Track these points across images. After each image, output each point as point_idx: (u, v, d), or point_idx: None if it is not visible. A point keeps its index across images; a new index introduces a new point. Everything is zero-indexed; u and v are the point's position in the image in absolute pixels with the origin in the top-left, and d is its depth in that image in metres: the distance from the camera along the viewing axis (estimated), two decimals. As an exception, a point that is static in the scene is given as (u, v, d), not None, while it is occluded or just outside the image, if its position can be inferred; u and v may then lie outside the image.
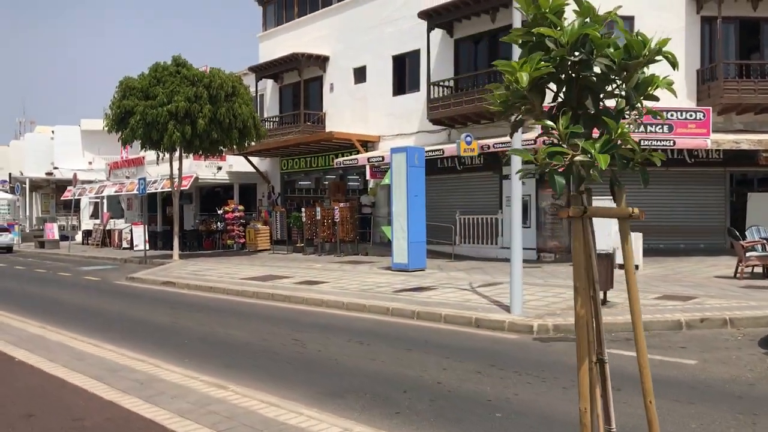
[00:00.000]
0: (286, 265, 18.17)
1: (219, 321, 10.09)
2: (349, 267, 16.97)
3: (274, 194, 27.67)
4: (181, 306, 11.91)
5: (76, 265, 22.76)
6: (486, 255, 18.74)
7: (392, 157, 15.22)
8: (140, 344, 8.21)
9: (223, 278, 15.42)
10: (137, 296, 13.63)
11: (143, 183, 23.14)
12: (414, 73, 21.60)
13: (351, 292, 12.03)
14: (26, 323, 9.46)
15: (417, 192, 15.02)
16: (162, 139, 20.43)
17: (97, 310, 11.67)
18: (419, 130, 21.20)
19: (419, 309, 9.80)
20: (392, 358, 7.20)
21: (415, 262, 14.93)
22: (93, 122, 44.26)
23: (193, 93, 20.29)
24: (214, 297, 13.20)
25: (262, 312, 11.02)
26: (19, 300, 13.32)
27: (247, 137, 21.86)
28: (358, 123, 23.25)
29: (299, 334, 8.76)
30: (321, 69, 24.96)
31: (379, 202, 22.63)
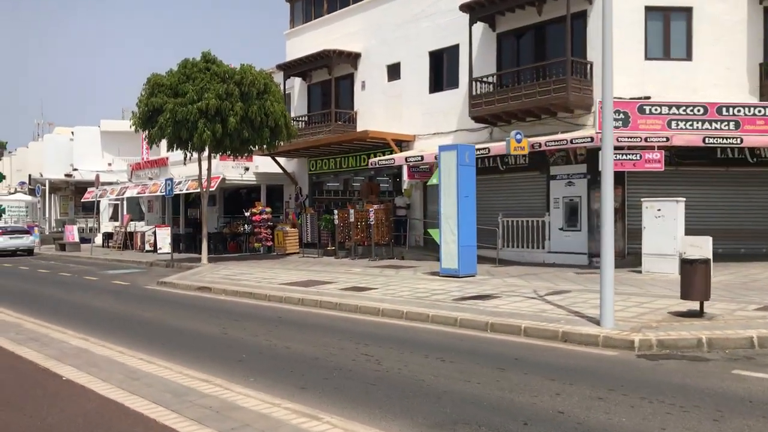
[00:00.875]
0: (323, 270, 17.31)
1: (272, 331, 9.23)
2: (390, 272, 16.08)
3: (301, 196, 26.86)
4: (224, 314, 11.07)
5: (100, 268, 22.05)
6: (532, 260, 17.79)
7: (441, 156, 14.33)
8: (195, 359, 7.37)
9: (260, 283, 14.59)
10: (174, 303, 12.81)
11: (170, 184, 22.39)
12: (452, 69, 20.70)
13: (406, 300, 11.14)
14: (65, 333, 8.66)
15: (467, 192, 14.12)
16: (191, 138, 19.65)
17: (136, 319, 10.85)
18: (458, 128, 20.29)
19: (493, 320, 8.89)
20: (488, 379, 6.29)
21: (465, 267, 14.02)
22: (113, 123, 43.87)
23: (224, 90, 19.48)
24: (256, 304, 12.36)
25: (314, 321, 10.15)
26: (50, 307, 12.56)
27: (279, 137, 21.04)
28: (391, 122, 22.38)
29: (367, 348, 7.88)
30: (352, 66, 24.13)
31: (414, 204, 21.74)
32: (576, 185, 17.32)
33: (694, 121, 15.42)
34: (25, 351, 7.42)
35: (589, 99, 16.81)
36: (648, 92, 16.47)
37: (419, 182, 21.45)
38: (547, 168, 18.01)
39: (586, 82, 16.80)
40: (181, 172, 28.20)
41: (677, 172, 16.46)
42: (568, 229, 17.48)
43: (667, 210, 13.92)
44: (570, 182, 17.45)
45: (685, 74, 16.64)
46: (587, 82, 16.84)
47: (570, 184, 17.45)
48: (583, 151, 17.07)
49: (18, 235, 30.36)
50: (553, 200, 17.85)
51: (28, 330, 8.97)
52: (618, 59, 16.89)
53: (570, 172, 17.47)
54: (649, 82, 16.52)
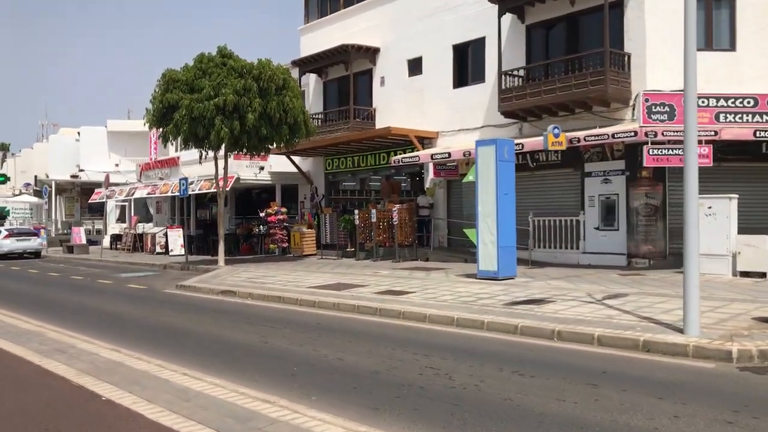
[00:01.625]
0: (348, 272, 16.56)
1: (316, 340, 8.48)
2: (420, 274, 15.33)
3: (317, 196, 26.11)
4: (257, 320, 10.32)
5: (113, 271, 21.32)
6: (566, 261, 17.03)
7: (478, 151, 13.57)
8: (242, 373, 6.63)
9: (287, 286, 13.84)
10: (200, 308, 12.06)
11: (185, 183, 21.64)
12: (478, 63, 19.95)
13: (451, 305, 10.39)
14: (93, 344, 7.91)
15: (507, 190, 13.36)
16: (208, 136, 18.91)
17: (164, 326, 10.11)
18: (484, 124, 19.53)
19: (559, 328, 8.13)
20: (584, 398, 5.54)
21: (505, 269, 13.26)
22: (119, 123, 43.20)
23: (242, 85, 18.74)
24: (288, 308, 11.60)
25: (357, 328, 9.40)
26: (69, 313, 11.83)
27: (298, 134, 20.30)
28: (412, 118, 21.61)
29: (428, 360, 7.13)
30: (371, 62, 23.39)
31: (437, 203, 20.98)
32: (613, 182, 16.55)
33: (744, 113, 14.67)
34: (54, 365, 6.68)
35: (627, 92, 16.05)
36: (689, 85, 15.68)
37: (443, 180, 20.71)
38: (581, 164, 17.25)
39: (624, 75, 16.04)
40: (193, 171, 27.46)
41: (720, 168, 15.67)
42: (605, 229, 16.71)
43: (718, 207, 13.17)
44: (606, 179, 16.69)
45: (729, 66, 15.87)
46: (625, 74, 16.08)
47: (606, 182, 16.69)
48: (620, 147, 16.32)
49: (26, 237, 29.67)
50: (588, 198, 17.08)
51: (51, 340, 8.24)
52: (657, 50, 16.24)
53: (606, 169, 16.71)
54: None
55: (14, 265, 25.62)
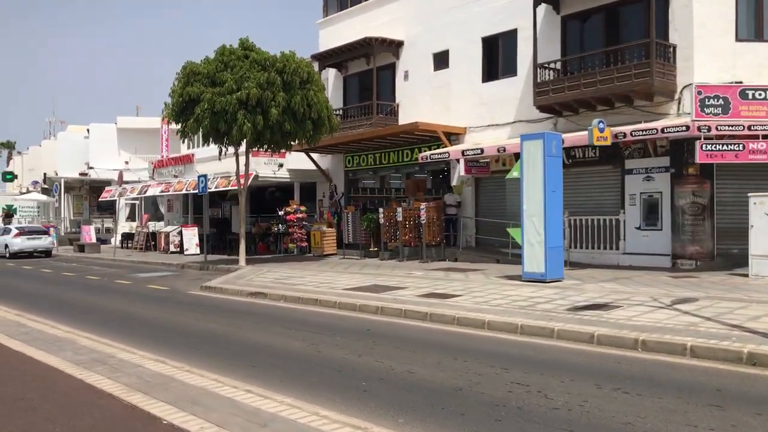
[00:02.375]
0: (378, 273, 15.85)
1: (373, 349, 7.76)
2: (457, 275, 14.61)
3: (336, 194, 25.40)
4: (300, 325, 9.60)
5: (129, 271, 20.63)
6: (604, 262, 16.30)
7: (523, 146, 12.83)
8: (309, 389, 5.93)
9: (320, 288, 13.13)
10: (233, 311, 11.35)
11: (204, 180, 20.94)
12: (509, 55, 19.21)
13: (508, 310, 9.67)
14: (134, 353, 7.20)
15: (554, 187, 12.63)
16: (230, 131, 18.20)
17: (202, 333, 9.40)
18: (516, 119, 18.81)
19: (644, 337, 7.40)
20: (719, 424, 4.82)
21: (552, 271, 12.53)
22: (129, 120, 42.51)
23: (265, 79, 18.05)
24: (328, 312, 10.89)
25: (412, 335, 8.69)
26: (96, 317, 11.13)
27: (321, 130, 19.58)
28: (438, 114, 20.89)
29: (510, 374, 6.42)
30: (394, 55, 22.66)
31: (465, 202, 20.25)
32: (656, 180, 15.81)
33: (802, 106, 13.92)
34: (97, 379, 5.97)
35: (672, 85, 15.31)
36: (739, 77, 14.94)
37: (471, 178, 19.97)
38: (621, 161, 16.52)
39: (669, 67, 15.29)
40: (208, 168, 26.76)
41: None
42: (647, 229, 15.98)
43: (781, 206, 12.43)
44: (649, 177, 15.95)
45: (781, 57, 15.12)
46: (670, 66, 15.33)
47: (649, 179, 15.95)
48: (664, 143, 15.57)
49: (36, 235, 29.01)
50: (628, 196, 16.34)
51: (86, 348, 7.53)
52: (704, 41, 15.47)
53: (649, 166, 15.97)
54: (740, 66, 15.00)
55: (26, 264, 24.95)
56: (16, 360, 6.92)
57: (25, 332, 8.70)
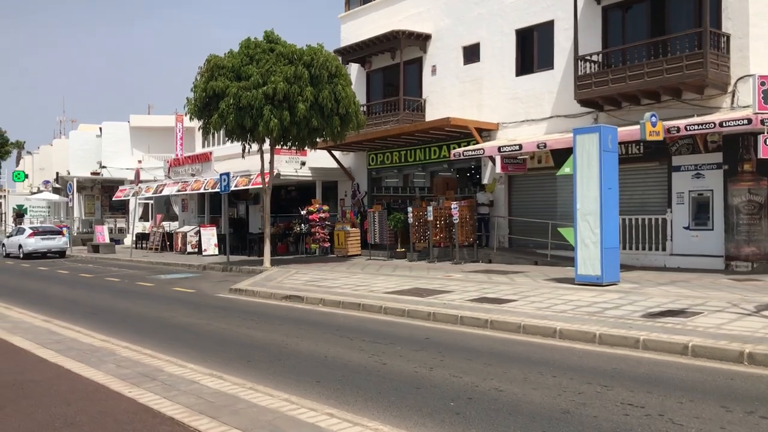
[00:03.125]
0: (414, 275, 15.11)
1: (443, 360, 7.02)
2: (500, 278, 13.86)
3: (359, 193, 24.68)
4: (352, 333, 8.86)
5: (149, 272, 19.95)
6: (650, 263, 15.52)
7: (577, 140, 12.06)
8: (388, 409, 5.23)
9: (358, 291, 12.39)
10: (270, 317, 10.62)
11: (227, 179, 20.23)
12: (545, 48, 18.44)
13: (577, 317, 8.91)
14: (183, 366, 6.48)
15: (611, 184, 11.84)
16: (256, 127, 17.49)
17: (245, 341, 8.68)
18: (553, 114, 18.03)
19: (750, 349, 6.63)
20: None
21: (609, 273, 11.74)
22: (143, 118, 41.91)
23: (292, 73, 17.34)
24: (374, 318, 10.15)
25: (478, 345, 7.93)
26: (124, 322, 10.44)
27: (349, 126, 18.85)
28: (468, 109, 20.14)
29: (614, 392, 5.66)
30: (421, 49, 21.90)
31: (497, 201, 19.47)
32: (706, 177, 15.01)
33: None
34: (152, 399, 5.25)
35: (725, 76, 14.51)
36: (799, 68, 14.14)
37: (503, 176, 19.20)
38: (667, 158, 15.72)
39: (723, 57, 14.49)
40: (227, 167, 26.10)
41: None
42: (696, 228, 15.18)
43: None
44: (698, 174, 15.15)
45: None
46: (724, 56, 14.53)
47: (698, 176, 15.15)
48: (716, 138, 14.77)
49: (50, 236, 28.39)
50: (676, 195, 15.54)
51: (128, 360, 6.82)
52: (761, 30, 14.64)
53: (698, 163, 15.17)
54: (800, 56, 14.20)
55: (40, 265, 24.33)
56: (55, 374, 6.21)
57: (57, 341, 7.99)
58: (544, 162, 18.17)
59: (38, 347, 7.56)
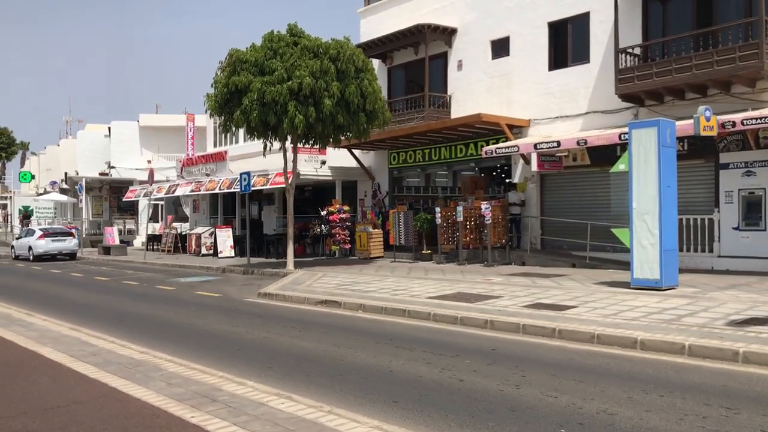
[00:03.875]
0: (451, 278, 14.40)
1: (524, 376, 6.31)
2: (545, 282, 13.14)
3: (380, 193, 23.97)
4: (408, 343, 8.14)
5: (166, 275, 19.26)
6: (696, 266, 14.78)
7: (633, 135, 11.33)
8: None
9: (398, 297, 11.67)
10: (311, 324, 9.91)
11: (247, 178, 19.54)
12: (580, 41, 17.71)
13: (653, 326, 8.18)
14: (243, 384, 5.75)
15: (669, 181, 11.13)
16: (280, 124, 16.81)
17: (295, 352, 7.96)
18: (589, 110, 17.31)
19: None
20: None
21: (668, 277, 11.02)
22: (152, 117, 41.27)
23: (318, 67, 16.65)
24: (424, 326, 9.44)
25: (556, 359, 7.21)
26: (157, 330, 9.74)
27: (375, 122, 18.16)
28: (496, 105, 19.41)
29: (744, 416, 4.95)
30: (446, 44, 21.19)
31: (529, 200, 18.74)
32: (758, 175, 14.29)
33: None
34: (223, 427, 4.54)
35: (779, 69, 13.79)
36: None
37: (535, 175, 18.48)
38: (714, 155, 15.00)
39: (777, 49, 13.77)
40: (243, 166, 25.43)
41: None
42: (747, 229, 14.46)
43: None
44: (749, 172, 14.43)
45: None
46: (778, 48, 13.81)
47: (749, 174, 14.42)
48: (767, 134, 14.07)
49: (61, 237, 27.72)
50: (724, 194, 14.82)
51: (178, 376, 6.11)
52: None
53: (749, 160, 14.44)
54: None
55: (52, 267, 23.66)
56: (100, 393, 5.51)
57: (93, 353, 7.29)
58: (580, 160, 17.44)
59: (73, 360, 6.86)
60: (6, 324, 9.56)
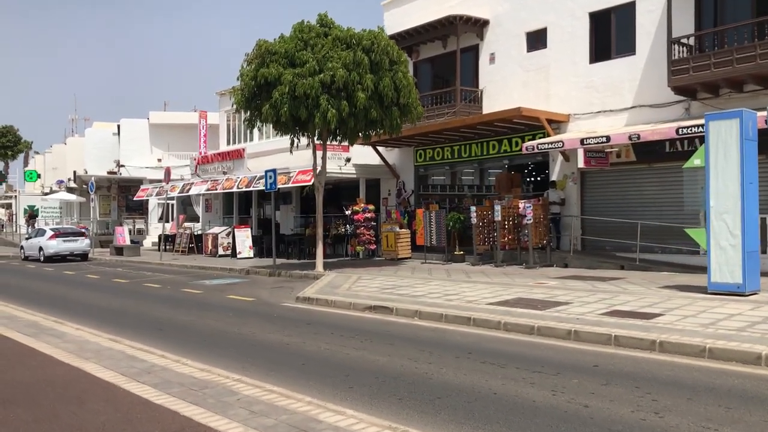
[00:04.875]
0: (499, 282, 13.54)
1: (658, 402, 5.44)
2: (607, 286, 12.27)
3: (405, 191, 23.10)
4: (487, 356, 7.28)
5: (188, 277, 18.37)
6: (763, 268, 13.90)
7: (710, 127, 10.47)
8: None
9: (453, 302, 10.79)
10: (368, 333, 9.03)
11: (273, 176, 18.66)
12: (624, 31, 16.84)
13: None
14: (344, 414, 4.86)
15: (752, 178, 10.27)
16: (311, 118, 15.94)
17: (372, 367, 7.09)
18: (635, 104, 16.44)
19: None
20: None
21: (751, 281, 10.17)
22: (162, 115, 40.39)
23: (352, 59, 15.79)
24: (496, 336, 8.57)
25: (672, 376, 6.34)
26: (208, 342, 8.86)
27: (408, 117, 17.29)
28: (532, 100, 18.52)
29: None
30: (477, 36, 20.33)
31: (568, 199, 17.88)
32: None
33: None
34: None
35: None
36: None
37: (576, 172, 17.63)
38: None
39: None
40: (262, 164, 24.60)
41: None
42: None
43: None
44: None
45: None
46: None
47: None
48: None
49: (72, 237, 26.82)
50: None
51: (256, 401, 5.24)
52: None
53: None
54: None
55: (65, 269, 22.78)
56: (178, 427, 4.63)
57: (145, 370, 6.43)
58: (624, 156, 16.58)
59: (127, 380, 6.00)
60: (36, 333, 8.70)
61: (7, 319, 10.21)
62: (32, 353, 7.35)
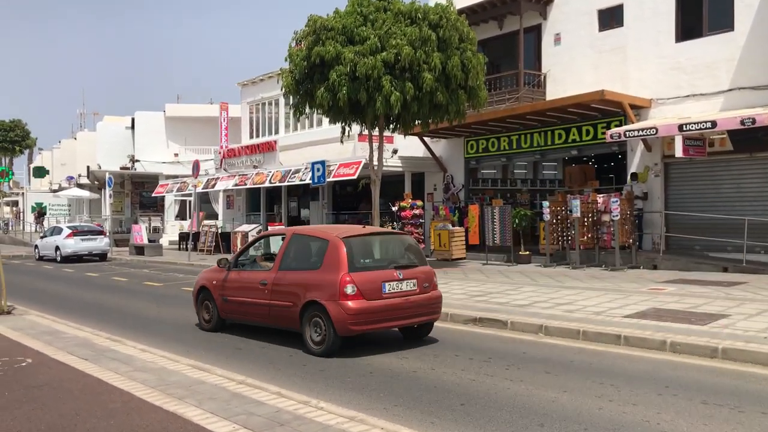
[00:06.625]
0: (602, 287, 11.80)
1: None
2: (739, 292, 10.56)
3: (453, 186, 21.36)
4: (683, 390, 5.57)
5: (228, 280, 16.60)
6: None
7: None
8: None
9: (576, 314, 9.07)
10: (496, 354, 7.30)
11: (322, 168, 16.93)
12: (719, 6, 15.09)
13: None
14: None
15: None
16: (371, 102, 14.20)
17: (534, 407, 5.38)
18: (732, 86, 14.70)
19: None
20: None
21: None
22: (179, 107, 38.60)
23: (418, 35, 14.06)
24: (667, 360, 6.85)
25: None
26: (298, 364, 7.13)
27: (475, 101, 15.57)
28: (605, 83, 16.68)
29: None
30: (540, 15, 18.57)
31: (651, 193, 16.13)
32: None
33: None
34: None
35: None
36: None
37: (659, 164, 15.89)
38: None
39: None
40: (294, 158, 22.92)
41: None
42: None
43: None
44: None
45: None
46: None
47: None
48: None
49: (91, 236, 25.04)
50: None
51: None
52: None
53: None
54: None
55: (86, 270, 21.02)
56: None
57: (272, 418, 4.69)
58: (719, 145, 14.85)
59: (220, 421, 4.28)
60: (95, 357, 6.96)
61: (49, 335, 8.47)
62: (105, 389, 5.62)
